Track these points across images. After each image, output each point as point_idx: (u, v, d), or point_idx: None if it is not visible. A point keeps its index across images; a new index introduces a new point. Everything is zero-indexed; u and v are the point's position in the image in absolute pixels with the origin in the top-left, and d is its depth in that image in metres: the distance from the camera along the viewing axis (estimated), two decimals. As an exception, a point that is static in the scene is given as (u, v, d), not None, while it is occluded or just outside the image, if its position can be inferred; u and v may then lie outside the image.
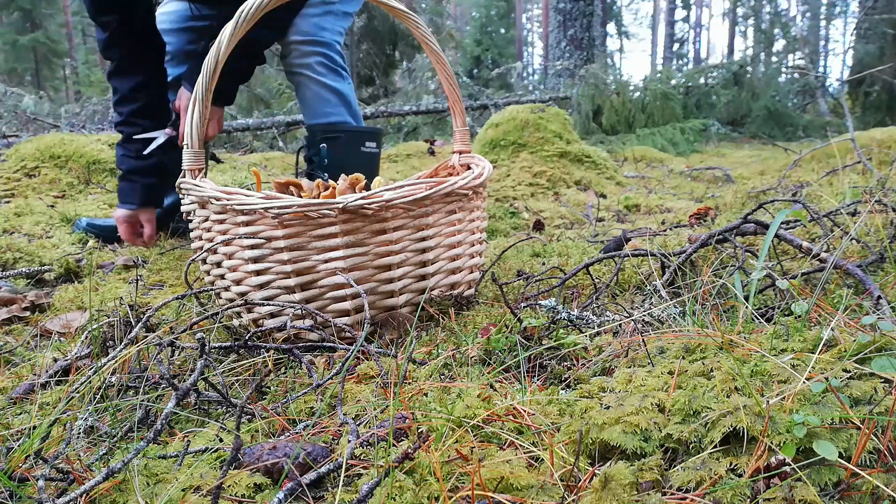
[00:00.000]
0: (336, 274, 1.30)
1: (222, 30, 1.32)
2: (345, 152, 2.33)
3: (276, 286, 1.32)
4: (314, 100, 2.37)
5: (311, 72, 2.34)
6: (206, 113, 1.36)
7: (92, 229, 2.43)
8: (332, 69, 2.38)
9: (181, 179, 1.41)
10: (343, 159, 2.30)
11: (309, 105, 2.38)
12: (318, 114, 2.37)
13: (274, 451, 0.80)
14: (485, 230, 1.62)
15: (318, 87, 2.35)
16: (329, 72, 2.37)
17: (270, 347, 1.20)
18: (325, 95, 2.36)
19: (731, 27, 29.44)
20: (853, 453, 0.65)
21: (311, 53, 2.32)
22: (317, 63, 2.34)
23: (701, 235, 1.62)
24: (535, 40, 37.74)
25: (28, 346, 1.41)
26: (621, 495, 0.65)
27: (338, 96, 2.39)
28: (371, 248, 1.33)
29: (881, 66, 8.03)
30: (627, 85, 7.36)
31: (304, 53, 2.31)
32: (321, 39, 2.33)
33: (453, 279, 1.48)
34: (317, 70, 2.34)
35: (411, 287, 1.40)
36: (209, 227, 1.39)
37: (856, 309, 1.11)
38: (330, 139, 2.31)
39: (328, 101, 2.37)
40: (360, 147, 2.36)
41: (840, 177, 2.84)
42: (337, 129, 2.35)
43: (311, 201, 1.26)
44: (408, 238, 1.37)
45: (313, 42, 2.32)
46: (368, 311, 1.20)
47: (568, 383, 1.02)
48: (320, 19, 2.33)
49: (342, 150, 2.32)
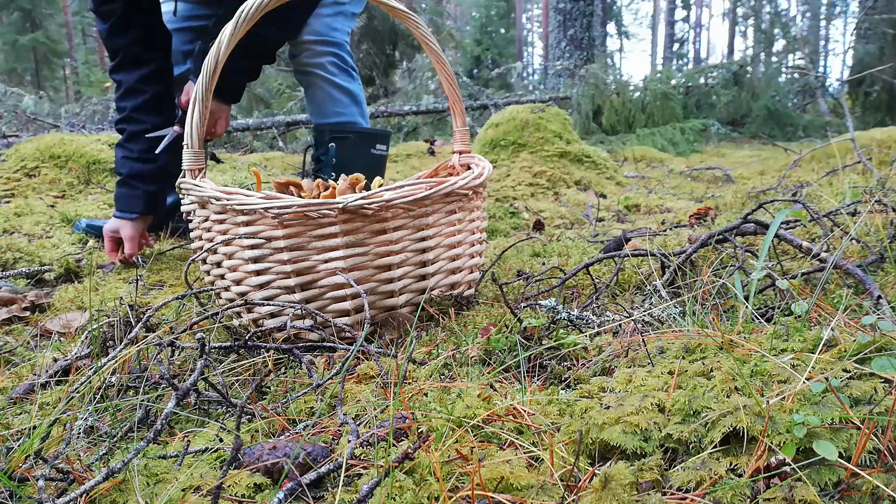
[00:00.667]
0: (336, 274, 1.30)
1: (223, 29, 1.32)
2: (354, 153, 2.31)
3: (275, 286, 1.32)
4: (325, 99, 2.35)
5: (324, 71, 2.33)
6: (206, 113, 1.36)
7: (91, 230, 2.42)
8: (344, 69, 2.37)
9: (181, 179, 1.41)
10: (352, 160, 2.28)
11: (319, 104, 2.36)
12: (329, 113, 2.36)
13: (274, 451, 0.80)
14: (485, 230, 1.62)
15: (330, 86, 2.34)
16: (340, 72, 2.36)
17: (270, 347, 1.20)
18: (337, 95, 2.35)
19: (731, 27, 29.44)
20: (853, 453, 0.65)
21: (323, 53, 2.31)
22: (329, 63, 2.33)
23: (701, 235, 1.62)
24: (535, 40, 37.73)
25: (28, 346, 1.41)
26: (621, 495, 0.65)
27: (349, 96, 2.38)
28: (371, 248, 1.33)
29: (881, 66, 8.03)
30: (627, 85, 7.36)
31: (317, 53, 2.30)
32: (333, 40, 2.33)
33: (453, 279, 1.48)
34: (329, 70, 2.33)
35: (411, 287, 1.40)
36: (209, 227, 1.39)
37: (856, 309, 1.10)
38: (339, 139, 2.30)
39: (339, 101, 2.36)
40: (370, 149, 2.35)
41: (840, 177, 2.83)
42: (347, 129, 2.33)
43: (311, 201, 1.26)
44: (408, 238, 1.37)
45: (326, 42, 2.31)
46: (368, 311, 1.20)
47: (568, 383, 1.02)
48: (332, 20, 2.32)
49: (351, 150, 2.31)
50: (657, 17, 35.94)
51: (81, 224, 2.43)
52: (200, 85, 1.33)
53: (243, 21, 1.32)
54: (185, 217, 1.47)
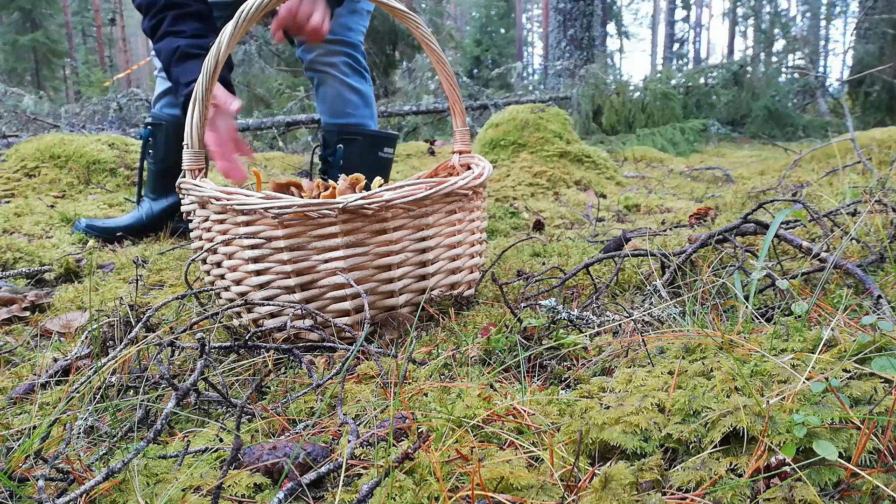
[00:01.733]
0: (336, 274, 1.30)
1: (223, 30, 1.32)
2: (361, 155, 2.28)
3: (275, 286, 1.32)
4: (336, 99, 2.32)
5: (337, 71, 2.30)
6: (206, 113, 1.36)
7: (91, 230, 2.42)
8: (357, 70, 2.34)
9: (181, 179, 1.41)
10: (359, 162, 2.26)
11: (330, 104, 2.33)
12: (339, 113, 2.33)
13: (274, 451, 0.80)
14: (485, 230, 1.62)
15: (342, 86, 2.31)
16: (353, 73, 2.33)
17: (270, 347, 1.20)
18: (348, 96, 2.32)
19: (731, 27, 29.44)
20: (853, 453, 0.65)
21: (337, 53, 2.28)
22: (342, 63, 2.30)
23: (701, 235, 1.62)
24: (535, 40, 37.74)
25: (28, 346, 1.41)
26: (621, 495, 0.65)
27: (361, 98, 2.35)
28: (371, 248, 1.33)
29: (881, 66, 8.03)
30: (627, 85, 7.36)
31: (331, 52, 2.27)
32: (348, 40, 2.30)
33: (453, 279, 1.48)
34: (342, 70, 2.30)
35: (411, 287, 1.40)
36: (209, 227, 1.39)
37: (856, 309, 1.11)
38: (347, 141, 2.28)
39: (350, 102, 2.33)
40: (377, 152, 2.32)
41: (840, 177, 2.83)
42: (356, 131, 2.31)
43: (311, 201, 1.26)
44: (408, 238, 1.37)
45: (341, 42, 2.28)
46: (368, 311, 1.20)
47: (568, 383, 1.02)
48: (347, 19, 2.29)
49: (359, 153, 2.28)
50: (657, 17, 35.95)
51: (81, 224, 2.43)
52: (200, 85, 1.33)
53: (243, 21, 1.32)
54: (185, 217, 1.47)
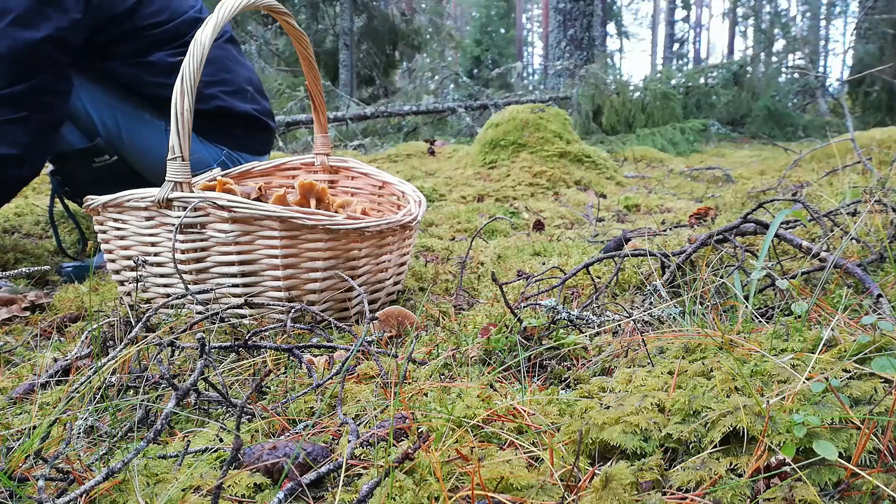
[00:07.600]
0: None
1: (199, 30, 1.30)
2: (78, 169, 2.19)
3: (217, 280, 1.36)
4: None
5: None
6: (189, 129, 1.33)
7: (77, 271, 2.12)
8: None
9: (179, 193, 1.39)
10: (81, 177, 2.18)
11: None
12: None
13: (274, 451, 0.80)
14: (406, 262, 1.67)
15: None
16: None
17: (270, 347, 1.20)
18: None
19: (731, 27, 29.44)
20: (853, 453, 0.65)
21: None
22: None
23: (701, 235, 1.62)
24: (535, 40, 37.73)
25: (28, 346, 1.41)
26: (621, 495, 0.65)
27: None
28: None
29: (881, 66, 8.03)
30: (627, 85, 7.36)
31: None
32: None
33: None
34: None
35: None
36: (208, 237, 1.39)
37: (856, 309, 1.10)
38: (61, 161, 2.16)
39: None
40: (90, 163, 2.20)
41: (840, 177, 2.83)
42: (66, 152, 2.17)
43: (295, 209, 1.27)
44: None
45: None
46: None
47: (568, 383, 1.02)
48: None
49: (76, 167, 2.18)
50: (657, 17, 35.95)
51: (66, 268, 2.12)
52: (178, 104, 1.30)
53: (221, 21, 1.31)
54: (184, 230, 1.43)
